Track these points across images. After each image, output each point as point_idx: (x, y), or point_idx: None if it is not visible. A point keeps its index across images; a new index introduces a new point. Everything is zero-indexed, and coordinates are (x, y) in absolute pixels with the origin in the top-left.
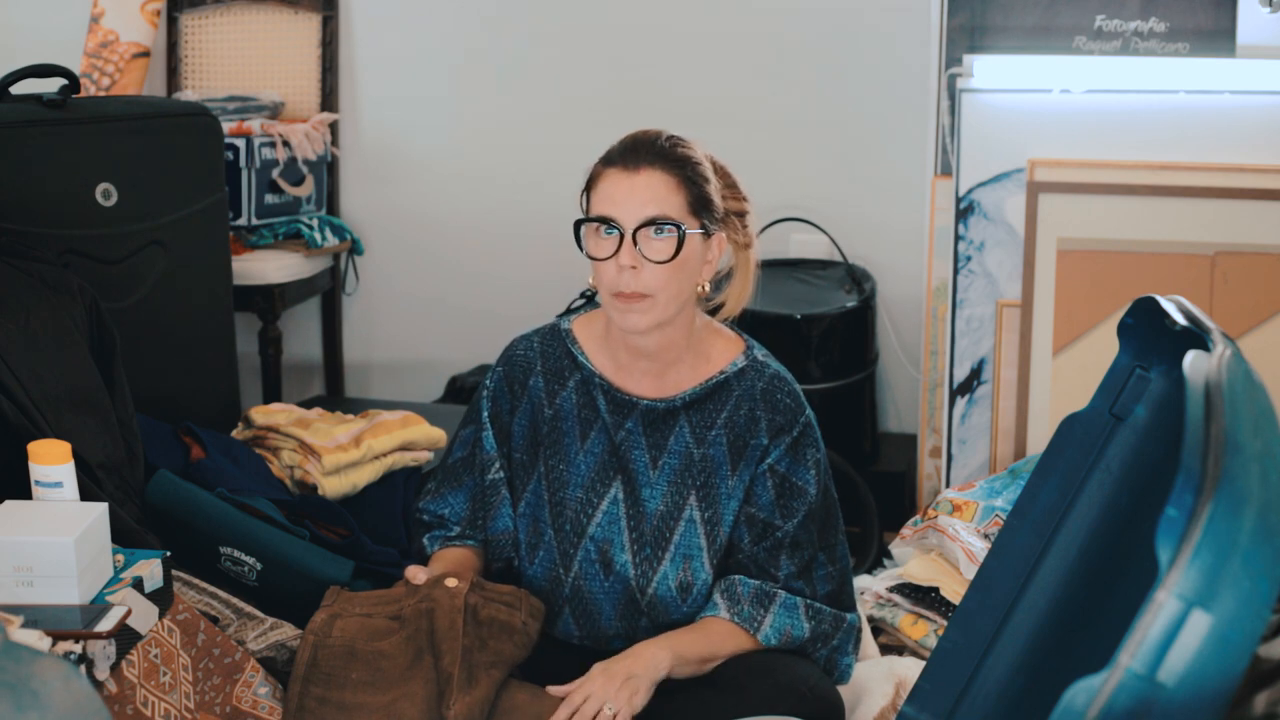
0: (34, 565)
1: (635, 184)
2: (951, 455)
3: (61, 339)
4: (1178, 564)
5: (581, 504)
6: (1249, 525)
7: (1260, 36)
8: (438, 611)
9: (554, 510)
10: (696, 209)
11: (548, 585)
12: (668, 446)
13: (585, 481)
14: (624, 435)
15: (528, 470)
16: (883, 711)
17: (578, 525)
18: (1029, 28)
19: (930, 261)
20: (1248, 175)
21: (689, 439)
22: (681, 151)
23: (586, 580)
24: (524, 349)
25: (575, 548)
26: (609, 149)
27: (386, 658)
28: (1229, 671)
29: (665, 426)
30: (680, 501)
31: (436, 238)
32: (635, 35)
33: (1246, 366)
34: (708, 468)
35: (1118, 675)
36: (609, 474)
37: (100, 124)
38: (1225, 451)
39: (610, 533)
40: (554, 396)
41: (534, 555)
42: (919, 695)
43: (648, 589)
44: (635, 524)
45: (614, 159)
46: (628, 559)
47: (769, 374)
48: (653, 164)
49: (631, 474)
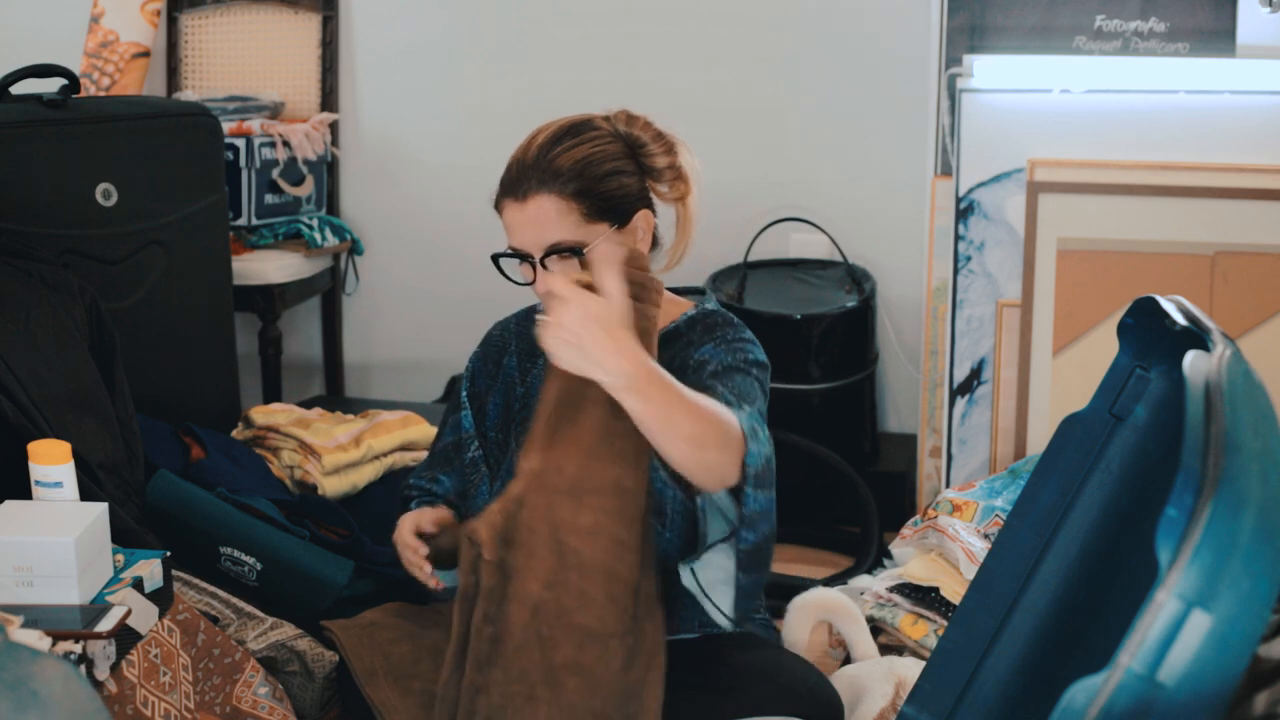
0: (34, 565)
1: (527, 215)
2: (951, 455)
3: (61, 339)
4: (1178, 564)
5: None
6: (1249, 525)
7: (1260, 36)
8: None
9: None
10: (597, 213)
11: None
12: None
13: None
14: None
15: (501, 448)
16: (883, 711)
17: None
18: (1029, 28)
19: (930, 261)
20: (1248, 175)
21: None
22: (561, 161)
23: None
24: (500, 330)
25: None
26: (505, 175)
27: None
28: (1229, 671)
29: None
30: None
31: (437, 237)
32: (636, 35)
33: (1246, 366)
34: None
35: (1118, 675)
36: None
37: (100, 124)
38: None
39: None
40: (525, 374)
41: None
42: (919, 695)
43: None
44: None
45: (505, 189)
46: None
47: (719, 315)
48: (537, 189)
49: None
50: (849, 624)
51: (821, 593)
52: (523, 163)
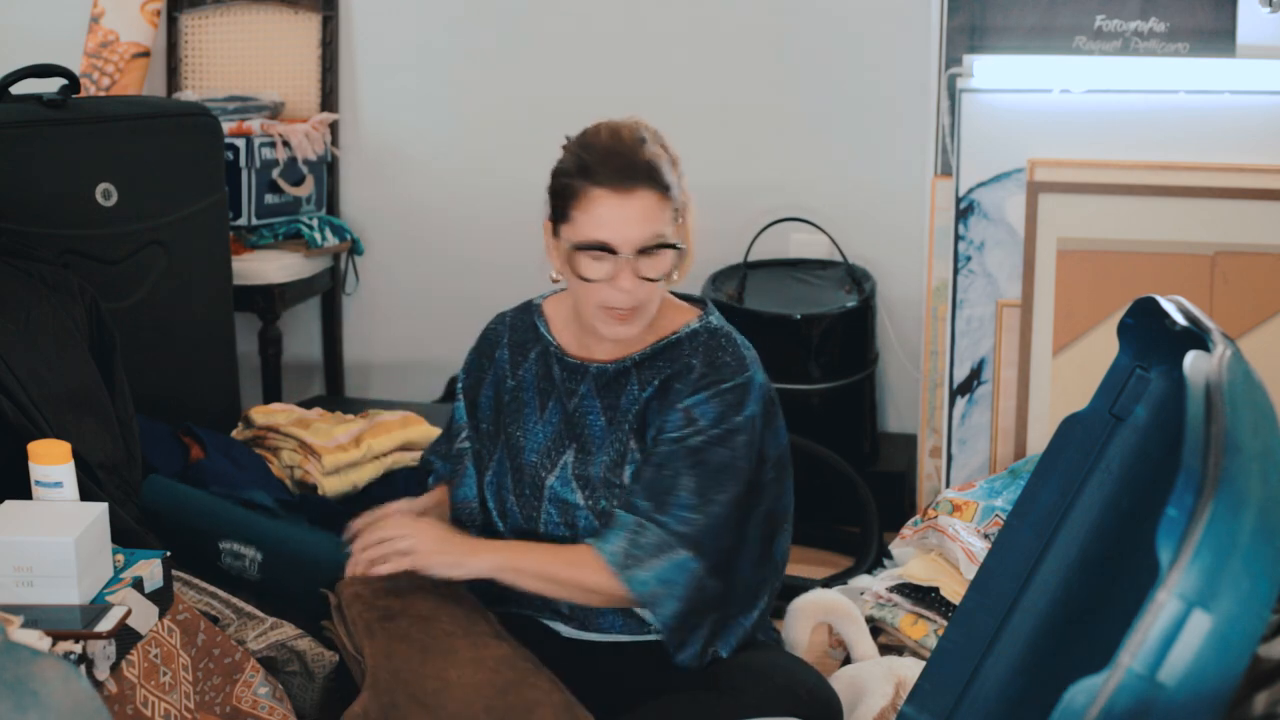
0: (34, 565)
1: (629, 209)
2: (951, 455)
3: (61, 339)
4: (1178, 564)
5: (536, 469)
6: (1249, 525)
7: (1260, 36)
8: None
9: (515, 476)
10: (676, 214)
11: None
12: (620, 406)
13: (541, 448)
14: (577, 402)
15: (493, 439)
16: (883, 711)
17: (536, 490)
18: (1029, 28)
19: (930, 261)
20: (1248, 175)
21: (638, 393)
22: (658, 160)
23: (555, 540)
24: (496, 323)
25: (538, 511)
26: (583, 161)
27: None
28: (1229, 671)
29: (617, 387)
30: (623, 450)
31: (437, 237)
32: (636, 36)
33: (1246, 366)
34: (644, 412)
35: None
36: (564, 442)
37: (100, 124)
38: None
39: (565, 494)
40: (517, 368)
41: (505, 520)
42: (919, 695)
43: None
44: (585, 484)
45: (601, 178)
46: (588, 515)
47: (721, 334)
48: (644, 185)
49: (586, 439)
50: (848, 625)
51: (821, 594)
52: (623, 155)
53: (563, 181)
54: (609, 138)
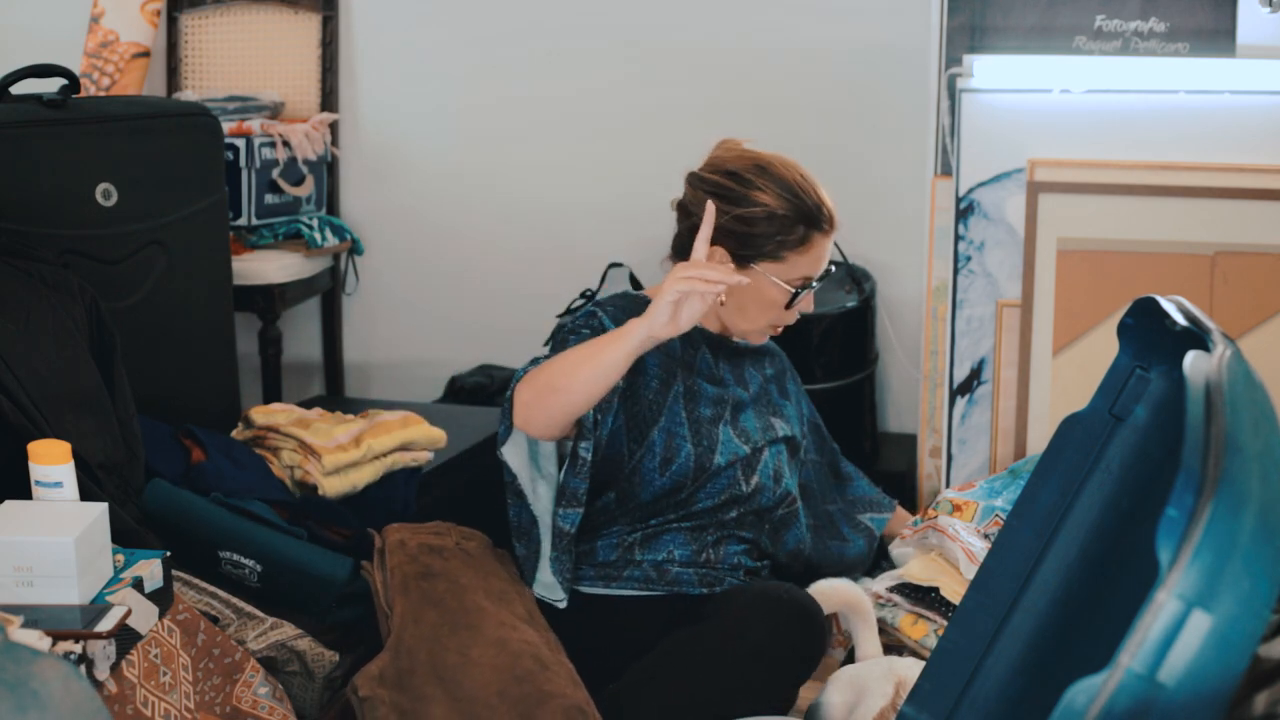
0: (34, 565)
1: (830, 246)
2: (951, 455)
3: (61, 339)
4: (1178, 564)
5: (711, 422)
6: (1249, 525)
7: (1260, 36)
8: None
9: (693, 428)
10: None
11: (668, 491)
12: (745, 377)
13: (711, 406)
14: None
15: (667, 386)
16: (883, 711)
17: (712, 440)
18: (1029, 28)
19: (930, 261)
20: (1248, 175)
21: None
22: None
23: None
24: (617, 299)
25: (710, 461)
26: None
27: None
28: (1229, 671)
29: (740, 360)
30: (767, 421)
31: (437, 238)
32: (635, 36)
33: (1246, 367)
34: (768, 391)
35: (1118, 675)
36: (723, 402)
37: (100, 124)
38: (1226, 452)
39: (731, 445)
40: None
41: (667, 469)
42: (919, 695)
43: (753, 478)
44: (743, 434)
45: (822, 225)
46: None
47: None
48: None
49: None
50: (860, 622)
51: (845, 584)
52: (825, 203)
53: (774, 228)
54: (804, 180)
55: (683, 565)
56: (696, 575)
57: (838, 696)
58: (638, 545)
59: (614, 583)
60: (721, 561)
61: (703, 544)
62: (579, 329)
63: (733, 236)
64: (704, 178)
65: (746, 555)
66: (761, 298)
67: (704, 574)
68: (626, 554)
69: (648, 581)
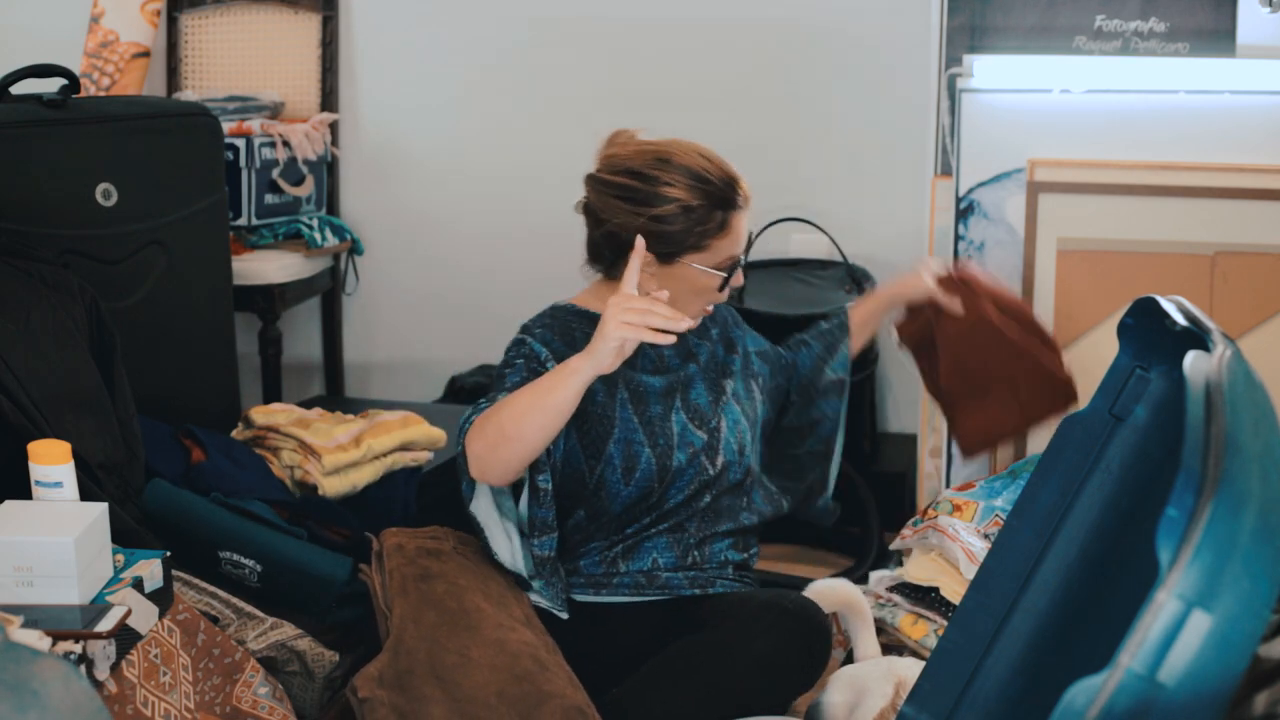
0: (34, 565)
1: (745, 222)
2: (951, 455)
3: (61, 339)
4: (1178, 564)
5: (662, 418)
6: (1249, 525)
7: (1260, 36)
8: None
9: (648, 431)
10: None
11: (637, 500)
12: (691, 348)
13: (660, 400)
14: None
15: (612, 394)
16: (883, 712)
17: (667, 437)
18: (1029, 28)
19: None
20: (1248, 175)
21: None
22: None
23: (673, 480)
24: (545, 318)
25: (670, 459)
26: (719, 191)
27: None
28: (1229, 671)
29: (682, 336)
30: (718, 386)
31: (436, 237)
32: (635, 35)
33: (1246, 367)
34: (716, 354)
35: (1118, 675)
36: (672, 390)
37: (100, 124)
38: (1226, 452)
39: (688, 435)
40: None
41: (630, 478)
42: (919, 695)
43: (718, 458)
44: (697, 416)
45: (737, 202)
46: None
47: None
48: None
49: (688, 378)
50: (858, 622)
51: (841, 584)
52: (734, 178)
53: (691, 221)
54: (707, 161)
55: (670, 570)
56: (686, 578)
57: (838, 696)
58: (620, 558)
59: (604, 590)
60: (708, 561)
61: (686, 546)
62: (512, 362)
63: (652, 237)
64: (606, 180)
65: (732, 549)
66: (693, 288)
67: (694, 576)
68: (611, 567)
69: (638, 587)
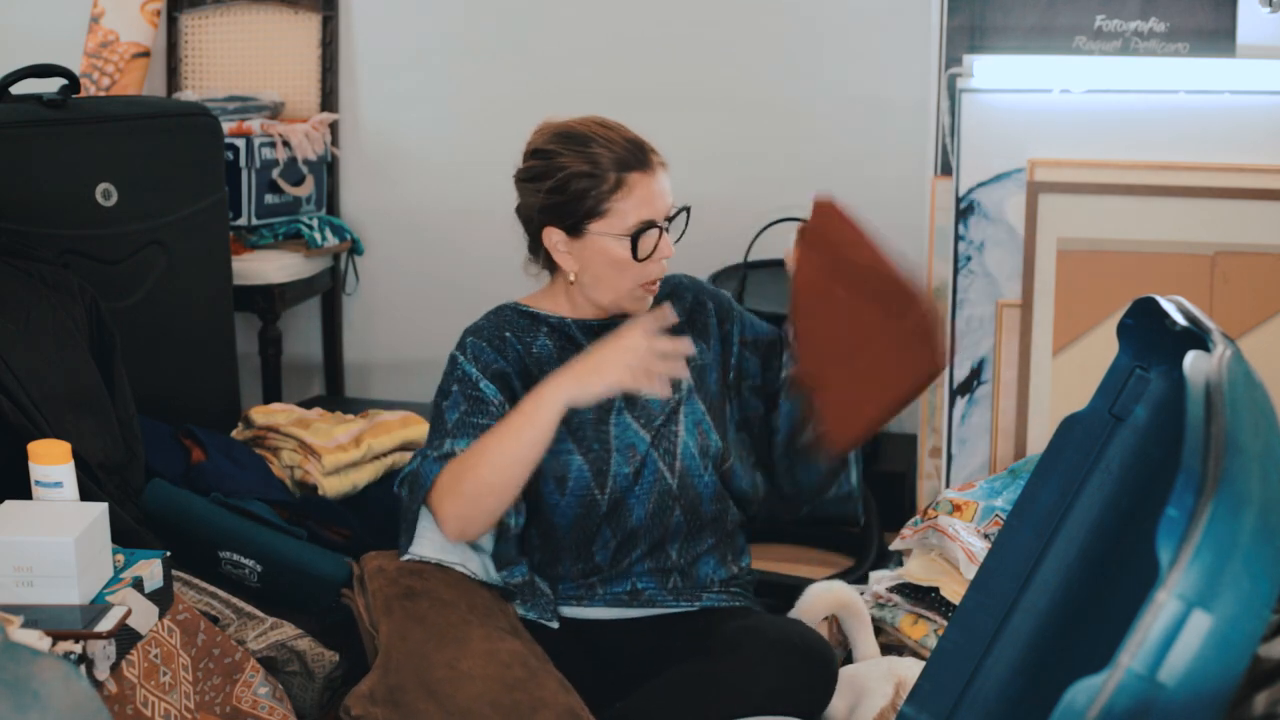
0: (34, 565)
1: (660, 184)
2: (951, 455)
3: (61, 339)
4: (1178, 564)
5: (596, 422)
6: (1249, 525)
7: (1260, 36)
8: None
9: (575, 438)
10: None
11: (581, 512)
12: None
13: (592, 406)
14: None
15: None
16: (883, 711)
17: (603, 441)
18: (1029, 28)
19: (930, 261)
20: (1248, 175)
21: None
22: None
23: (621, 488)
24: (481, 324)
25: (607, 464)
26: (612, 153)
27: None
28: (1229, 671)
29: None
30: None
31: (437, 238)
32: (635, 36)
33: (1246, 367)
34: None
35: (1118, 675)
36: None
37: (100, 124)
38: (1226, 452)
39: (628, 437)
40: (529, 347)
41: (564, 487)
42: (919, 695)
43: (675, 464)
44: (643, 415)
45: (633, 164)
46: (650, 449)
47: (679, 276)
48: (659, 161)
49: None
50: (856, 623)
51: (838, 586)
52: (635, 139)
53: (584, 184)
54: (605, 129)
55: (654, 590)
56: (673, 596)
57: (838, 697)
58: (599, 584)
59: (585, 602)
60: (695, 583)
61: (668, 573)
62: (447, 390)
63: (550, 211)
64: (519, 168)
65: (719, 566)
66: (607, 259)
67: (680, 592)
68: (590, 591)
69: (621, 604)
